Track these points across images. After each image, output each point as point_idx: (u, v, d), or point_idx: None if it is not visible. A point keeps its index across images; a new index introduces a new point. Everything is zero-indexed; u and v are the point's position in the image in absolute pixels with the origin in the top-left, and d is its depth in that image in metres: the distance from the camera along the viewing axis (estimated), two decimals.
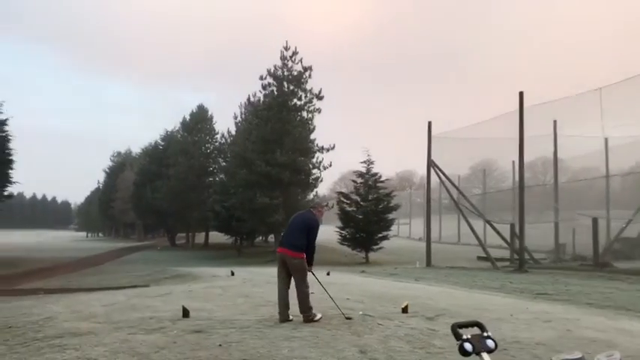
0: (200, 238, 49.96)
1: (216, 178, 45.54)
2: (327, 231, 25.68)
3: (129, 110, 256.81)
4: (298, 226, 6.58)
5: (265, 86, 33.88)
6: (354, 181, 30.64)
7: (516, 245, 20.04)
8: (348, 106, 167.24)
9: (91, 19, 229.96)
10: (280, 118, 31.95)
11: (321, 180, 34.20)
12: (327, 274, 13.42)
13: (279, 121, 31.85)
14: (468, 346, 2.18)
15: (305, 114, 33.92)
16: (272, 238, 40.06)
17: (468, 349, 2.17)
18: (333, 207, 29.24)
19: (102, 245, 55.34)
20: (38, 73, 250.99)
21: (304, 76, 33.23)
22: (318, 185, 34.50)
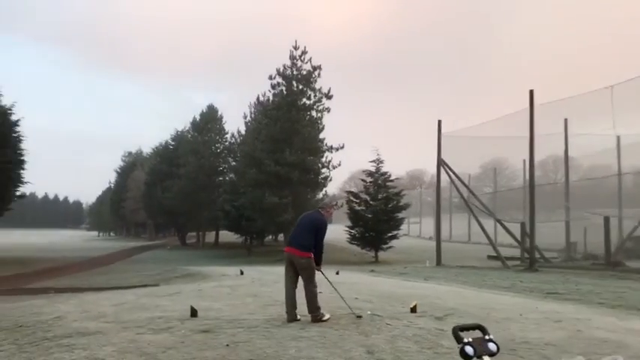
0: (210, 237, 50.27)
1: (226, 178, 45.73)
2: (337, 230, 25.73)
3: (140, 110, 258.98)
4: (306, 226, 6.57)
5: (274, 86, 34.02)
6: (363, 180, 30.59)
7: (527, 244, 19.89)
8: (359, 105, 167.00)
9: (103, 19, 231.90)
10: (289, 117, 32.00)
11: (331, 179, 34.23)
12: (337, 273, 13.42)
13: (289, 121, 31.91)
14: (469, 349, 2.15)
15: (314, 113, 33.97)
16: (282, 238, 40.15)
17: (469, 353, 2.14)
18: (342, 206, 29.19)
19: (113, 245, 55.84)
20: (50, 74, 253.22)
21: (313, 75, 33.29)
22: (327, 184, 34.53)
